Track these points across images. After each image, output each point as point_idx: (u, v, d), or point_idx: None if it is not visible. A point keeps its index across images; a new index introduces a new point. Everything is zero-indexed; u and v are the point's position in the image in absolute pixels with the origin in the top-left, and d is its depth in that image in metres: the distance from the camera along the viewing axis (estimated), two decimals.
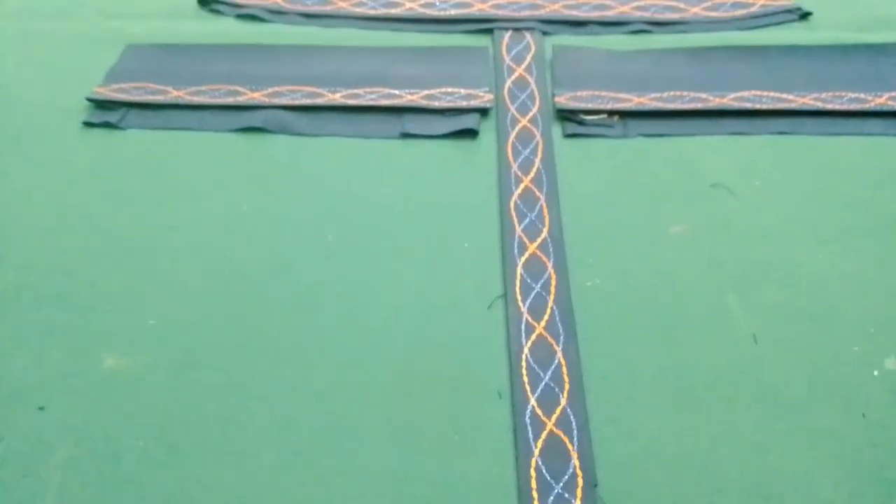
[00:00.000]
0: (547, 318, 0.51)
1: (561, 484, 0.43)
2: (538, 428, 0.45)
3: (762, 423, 0.45)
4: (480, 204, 0.59)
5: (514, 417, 0.46)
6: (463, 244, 0.56)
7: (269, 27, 0.75)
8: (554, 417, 0.46)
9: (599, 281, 0.53)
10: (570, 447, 0.44)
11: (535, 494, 0.43)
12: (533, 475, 0.43)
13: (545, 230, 0.56)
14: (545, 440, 0.45)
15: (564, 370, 0.48)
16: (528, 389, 0.47)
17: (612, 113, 0.65)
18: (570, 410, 0.46)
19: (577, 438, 0.45)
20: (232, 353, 0.49)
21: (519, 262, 0.54)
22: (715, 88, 0.66)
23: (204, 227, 0.57)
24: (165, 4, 0.78)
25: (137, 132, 0.65)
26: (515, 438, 0.45)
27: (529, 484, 0.43)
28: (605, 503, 0.42)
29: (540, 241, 0.56)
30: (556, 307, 0.51)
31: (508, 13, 0.75)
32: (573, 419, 0.46)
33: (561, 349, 0.49)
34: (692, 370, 0.48)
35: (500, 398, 0.47)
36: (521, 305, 0.52)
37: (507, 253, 0.55)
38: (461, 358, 0.49)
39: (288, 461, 0.44)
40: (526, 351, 0.49)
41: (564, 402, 0.46)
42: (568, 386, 0.47)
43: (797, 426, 0.45)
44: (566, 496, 0.42)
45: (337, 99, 0.66)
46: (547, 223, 0.57)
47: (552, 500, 0.42)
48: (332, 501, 0.43)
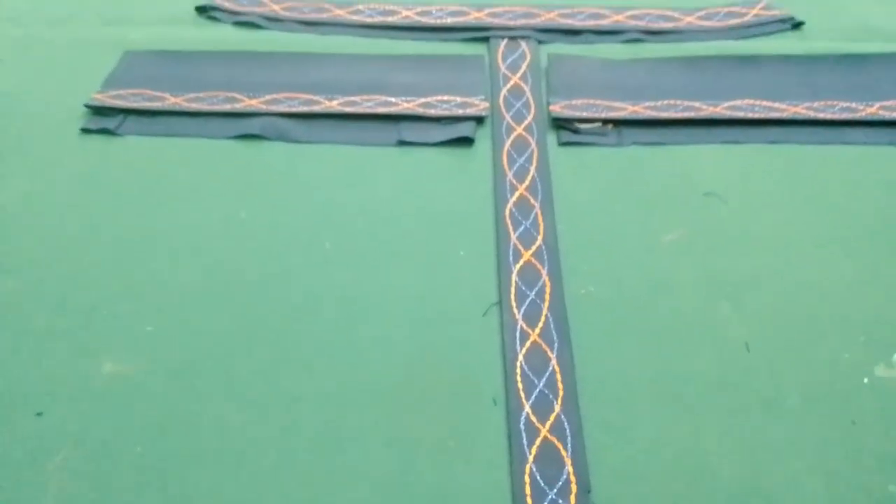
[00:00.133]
0: (541, 325, 0.51)
1: (555, 490, 0.43)
2: (532, 434, 0.46)
3: (754, 429, 0.46)
4: (476, 211, 0.59)
5: (508, 424, 0.46)
6: (458, 251, 0.56)
7: (266, 34, 0.76)
8: (548, 424, 0.46)
9: (594, 288, 0.54)
10: (563, 453, 0.45)
11: (529, 500, 0.43)
12: (527, 481, 0.44)
13: (540, 238, 0.57)
14: (539, 446, 0.45)
15: (559, 377, 0.48)
16: (522, 396, 0.47)
17: (606, 121, 0.65)
18: (564, 417, 0.46)
19: (570, 445, 0.45)
20: (229, 359, 0.50)
21: (514, 269, 0.55)
22: (708, 97, 0.67)
23: (202, 233, 0.57)
24: (164, 11, 0.78)
25: (135, 139, 0.65)
26: (510, 444, 0.45)
27: (524, 490, 0.43)
28: None
29: (535, 248, 0.56)
30: (550, 314, 0.52)
31: (504, 22, 0.76)
32: (567, 426, 0.46)
33: (555, 356, 0.50)
34: (685, 377, 0.49)
35: (495, 405, 0.47)
36: (515, 312, 0.52)
37: (501, 260, 0.55)
38: (457, 364, 0.49)
39: (284, 467, 0.44)
40: (520, 358, 0.49)
41: (558, 408, 0.47)
42: (562, 393, 0.48)
43: (788, 433, 0.46)
44: (560, 502, 0.43)
45: (334, 106, 0.66)
46: (541, 231, 0.57)
47: None
48: None
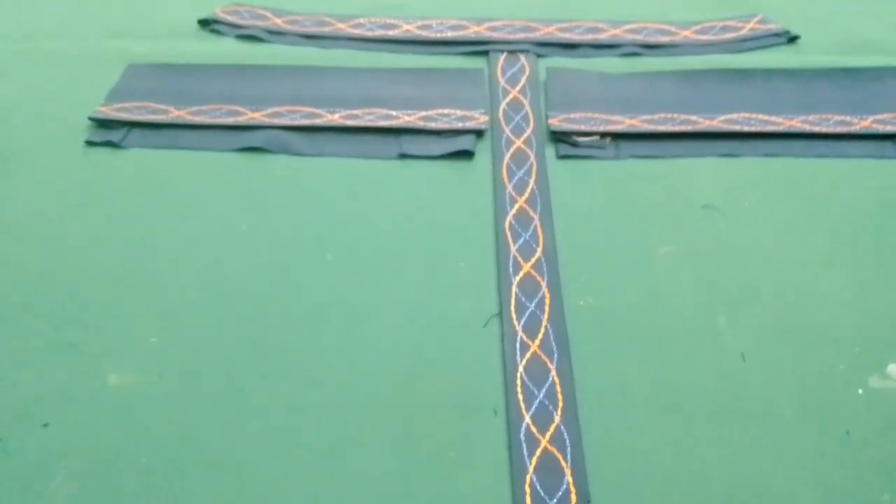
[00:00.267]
0: (541, 336, 0.52)
1: (555, 500, 0.44)
2: (532, 445, 0.46)
3: (750, 440, 0.47)
4: (476, 224, 0.60)
5: (509, 434, 0.47)
6: (459, 263, 0.57)
7: (268, 48, 0.77)
8: (548, 435, 0.47)
9: (592, 300, 0.54)
10: (563, 464, 0.46)
11: None
12: (527, 491, 0.44)
13: (539, 250, 0.58)
14: (539, 457, 0.46)
15: (558, 388, 0.49)
16: (522, 407, 0.48)
17: (604, 134, 0.66)
18: (563, 428, 0.47)
19: (570, 455, 0.46)
20: (233, 370, 0.50)
21: (514, 280, 0.55)
22: (705, 111, 0.68)
23: (205, 245, 0.58)
24: (166, 25, 0.79)
25: (139, 151, 0.66)
26: (510, 455, 0.46)
27: (524, 500, 0.44)
28: None
29: (534, 260, 0.57)
30: (550, 326, 0.53)
31: (503, 36, 0.77)
32: (567, 436, 0.47)
33: (555, 367, 0.50)
34: (683, 388, 0.49)
35: (495, 415, 0.48)
36: (515, 324, 0.53)
37: (502, 272, 0.56)
38: (458, 375, 0.50)
39: (287, 477, 0.45)
40: (521, 369, 0.50)
41: (558, 419, 0.48)
42: (561, 403, 0.48)
43: (784, 443, 0.47)
44: None
45: (336, 120, 0.67)
46: (541, 243, 0.58)
47: None
48: None
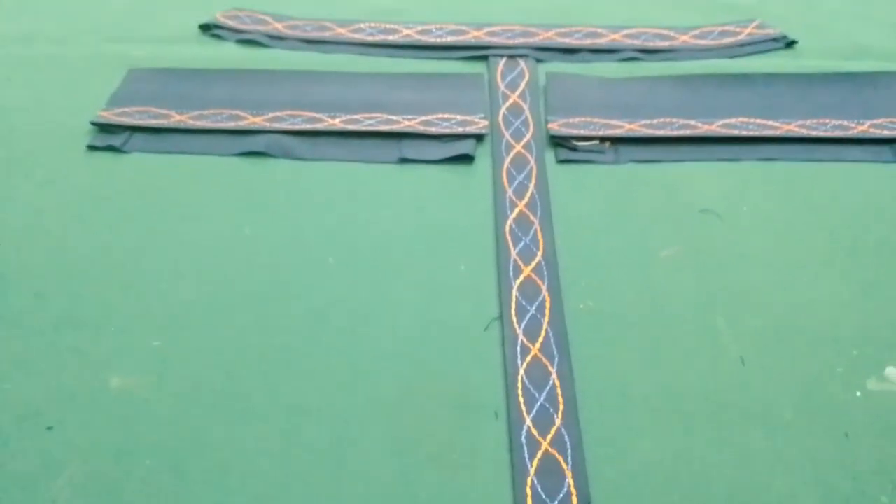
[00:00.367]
0: (542, 339, 0.52)
1: (556, 502, 0.44)
2: (533, 447, 0.47)
3: (749, 442, 0.47)
4: (476, 228, 0.60)
5: (510, 437, 0.47)
6: (459, 267, 0.57)
7: (269, 52, 0.77)
8: (549, 437, 0.47)
9: (592, 303, 0.55)
10: (564, 466, 0.46)
11: None
12: (528, 493, 0.45)
13: (539, 254, 0.58)
14: (540, 460, 0.46)
15: (559, 391, 0.49)
16: (523, 410, 0.48)
17: (603, 139, 0.67)
18: (564, 430, 0.47)
19: (571, 458, 0.46)
20: (235, 373, 0.50)
21: (514, 284, 0.56)
22: (703, 115, 0.68)
23: (207, 249, 0.58)
24: (167, 29, 0.80)
25: (141, 156, 0.66)
26: (511, 458, 0.46)
27: (525, 502, 0.44)
28: None
29: (534, 264, 0.57)
30: (550, 329, 0.53)
31: (503, 41, 0.77)
32: (567, 439, 0.47)
33: (555, 370, 0.51)
34: (682, 390, 0.50)
35: (496, 418, 0.48)
36: (516, 327, 0.53)
37: (502, 276, 0.56)
38: (459, 379, 0.50)
39: (289, 479, 0.45)
40: (522, 372, 0.50)
41: (559, 422, 0.48)
42: (562, 406, 0.49)
43: (783, 445, 0.47)
44: None
45: (336, 124, 0.68)
46: (541, 247, 0.58)
47: None
48: None
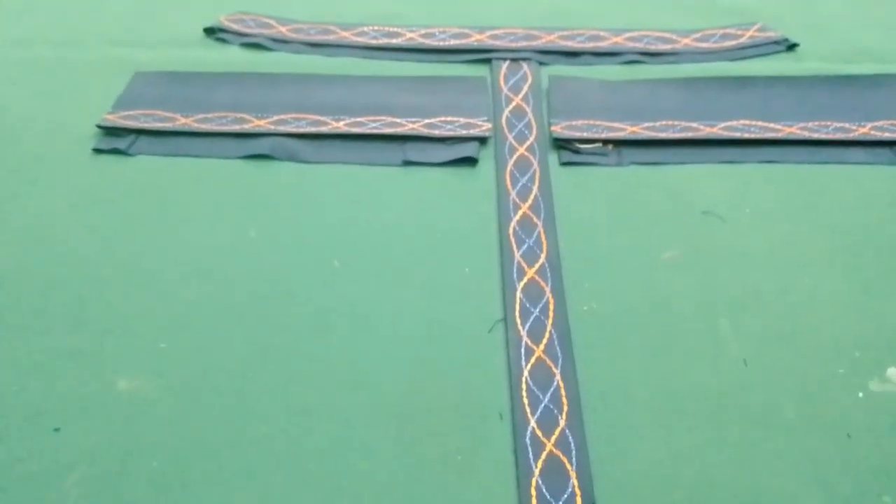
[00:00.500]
0: (546, 341, 0.53)
1: (560, 503, 0.44)
2: (538, 448, 0.47)
3: (752, 442, 0.47)
4: (480, 230, 0.60)
5: (514, 438, 0.47)
6: (464, 269, 0.57)
7: (273, 56, 0.78)
8: (553, 438, 0.47)
9: (596, 305, 0.55)
10: (568, 467, 0.46)
11: None
12: (533, 494, 0.45)
13: (543, 256, 0.58)
14: (545, 460, 0.46)
15: (563, 392, 0.50)
16: (528, 411, 0.49)
17: (606, 142, 0.67)
18: (568, 431, 0.48)
19: (575, 458, 0.46)
20: (240, 375, 0.51)
21: (518, 286, 0.56)
22: (705, 118, 0.69)
23: (213, 252, 0.59)
24: (172, 33, 0.80)
25: (146, 158, 0.66)
26: (516, 459, 0.47)
27: (530, 503, 0.44)
28: None
29: (538, 266, 0.58)
30: (554, 331, 0.53)
31: (506, 44, 0.77)
32: (572, 440, 0.47)
33: (559, 372, 0.51)
34: (685, 392, 0.50)
35: (501, 420, 0.49)
36: (520, 329, 0.53)
37: (506, 278, 0.57)
38: (463, 380, 0.51)
39: (294, 480, 0.46)
40: (526, 374, 0.51)
41: (563, 423, 0.48)
42: (566, 408, 0.49)
43: (785, 446, 0.47)
44: None
45: (341, 127, 0.68)
46: (545, 249, 0.59)
47: None
48: None
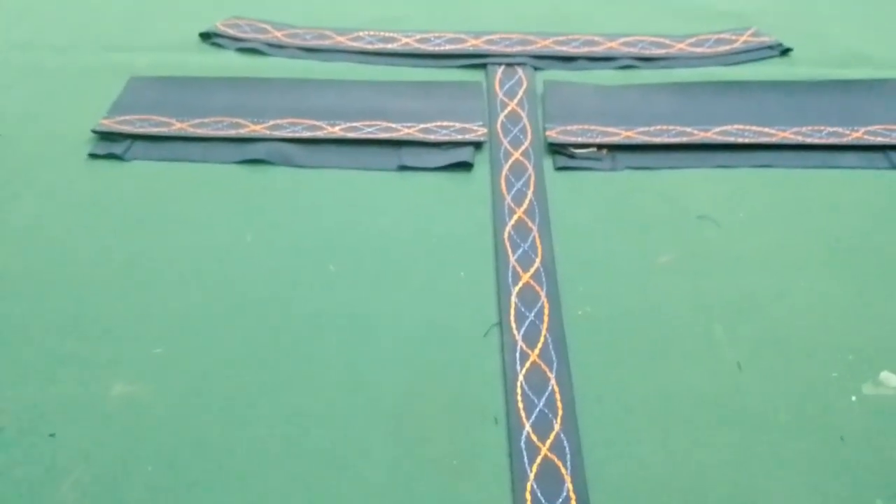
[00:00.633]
0: (540, 345, 0.53)
1: None
2: (533, 453, 0.47)
3: (746, 446, 0.48)
4: (475, 234, 0.61)
5: (510, 442, 0.48)
6: (459, 273, 0.58)
7: (269, 61, 0.78)
8: (548, 443, 0.48)
9: (590, 309, 0.55)
10: (563, 471, 0.46)
11: None
12: (528, 498, 0.45)
13: (538, 260, 0.58)
14: (540, 464, 0.46)
15: (558, 396, 0.50)
16: (523, 415, 0.49)
17: (600, 146, 0.67)
18: (563, 436, 0.48)
19: (570, 462, 0.47)
20: (236, 379, 0.51)
21: (513, 291, 0.56)
22: (700, 123, 0.69)
23: (208, 256, 0.59)
24: (168, 38, 0.80)
25: (142, 163, 0.66)
26: (511, 463, 0.47)
27: None
28: None
29: (533, 270, 0.58)
30: (549, 335, 0.53)
31: (501, 49, 0.78)
32: (566, 444, 0.47)
33: (554, 376, 0.51)
34: (680, 396, 0.50)
35: (496, 424, 0.49)
36: (515, 333, 0.53)
37: (501, 282, 0.57)
38: (459, 384, 0.51)
39: (292, 485, 0.46)
40: (521, 378, 0.51)
41: (558, 427, 0.48)
42: (561, 412, 0.49)
43: (779, 449, 0.47)
44: None
45: (336, 132, 0.68)
46: (540, 253, 0.59)
47: None
48: None
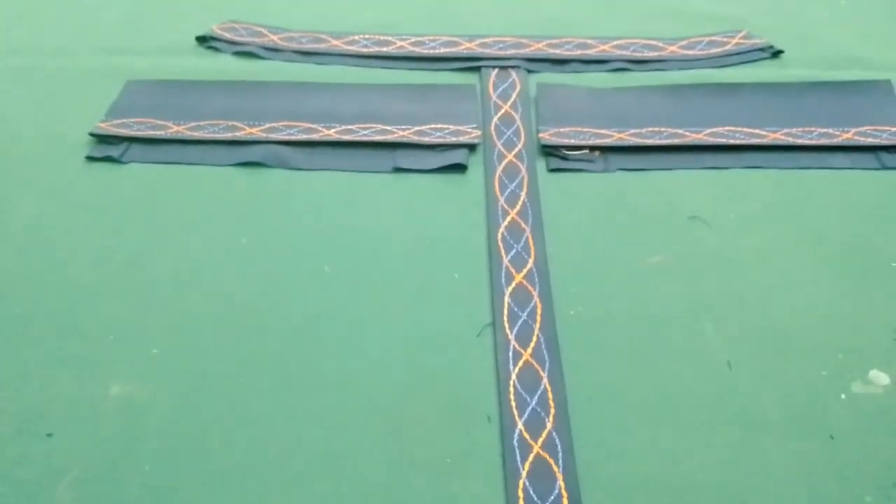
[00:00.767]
0: (533, 345, 0.53)
1: None
2: (525, 451, 0.48)
3: (737, 444, 0.48)
4: (469, 236, 0.61)
5: (502, 441, 0.48)
6: (453, 274, 0.58)
7: (265, 64, 0.78)
8: (540, 441, 0.48)
9: (583, 309, 0.56)
10: (555, 469, 0.47)
11: None
12: (520, 496, 0.46)
13: (531, 261, 0.59)
14: (532, 462, 0.47)
15: (550, 395, 0.50)
16: (515, 414, 0.49)
17: (593, 148, 0.68)
18: (555, 434, 0.48)
19: (562, 461, 0.47)
20: (233, 380, 0.51)
21: (506, 291, 0.57)
22: (691, 124, 0.70)
23: (205, 258, 0.59)
24: (164, 41, 0.81)
25: (139, 166, 0.67)
26: (504, 461, 0.47)
27: None
28: None
29: (526, 271, 0.58)
30: (541, 335, 0.54)
31: (495, 52, 0.78)
32: (558, 442, 0.48)
33: (546, 375, 0.52)
34: (671, 395, 0.51)
35: (489, 422, 0.49)
36: (508, 333, 0.54)
37: (494, 282, 0.57)
38: (452, 384, 0.51)
39: (287, 485, 0.46)
40: (513, 377, 0.51)
41: (550, 426, 0.49)
42: (553, 410, 0.50)
43: (770, 447, 0.48)
44: None
45: (332, 135, 0.69)
46: (532, 254, 0.60)
47: None
48: None
